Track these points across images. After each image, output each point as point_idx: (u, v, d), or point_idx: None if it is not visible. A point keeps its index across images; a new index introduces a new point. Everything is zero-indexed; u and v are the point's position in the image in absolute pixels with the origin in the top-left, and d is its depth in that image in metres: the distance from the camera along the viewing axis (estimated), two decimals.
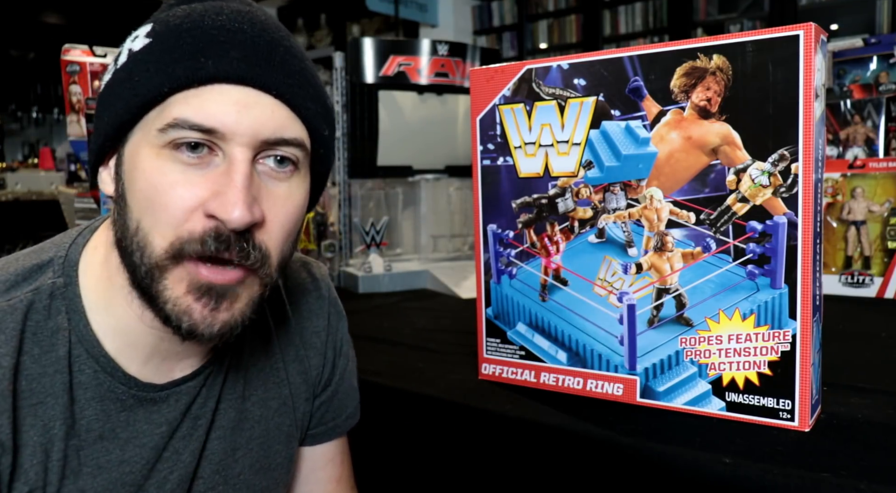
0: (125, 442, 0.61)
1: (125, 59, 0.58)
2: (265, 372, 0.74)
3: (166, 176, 0.55)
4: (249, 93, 0.56)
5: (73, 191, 1.78)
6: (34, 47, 7.13)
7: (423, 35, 5.45)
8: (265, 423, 0.73)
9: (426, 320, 1.46)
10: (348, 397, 0.85)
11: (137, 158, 0.57)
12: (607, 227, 0.88)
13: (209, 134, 0.55)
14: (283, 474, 0.77)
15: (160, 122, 0.55)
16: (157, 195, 0.55)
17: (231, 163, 0.56)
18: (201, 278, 0.56)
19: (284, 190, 0.59)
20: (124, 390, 0.61)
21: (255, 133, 0.56)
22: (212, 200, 0.55)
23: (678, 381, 0.84)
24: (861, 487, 0.64)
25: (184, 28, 0.56)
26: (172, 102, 0.55)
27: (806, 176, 0.75)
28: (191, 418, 0.66)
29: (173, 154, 0.55)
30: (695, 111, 0.80)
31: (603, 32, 5.09)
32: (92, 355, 0.60)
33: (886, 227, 1.54)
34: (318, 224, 1.87)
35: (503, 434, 0.87)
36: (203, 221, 0.55)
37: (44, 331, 0.59)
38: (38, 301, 0.59)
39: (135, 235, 0.56)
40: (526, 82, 0.92)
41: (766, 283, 0.79)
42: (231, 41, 0.56)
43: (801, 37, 0.74)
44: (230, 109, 0.55)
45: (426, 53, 1.90)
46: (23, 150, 7.78)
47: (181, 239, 0.55)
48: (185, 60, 0.55)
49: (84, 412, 0.59)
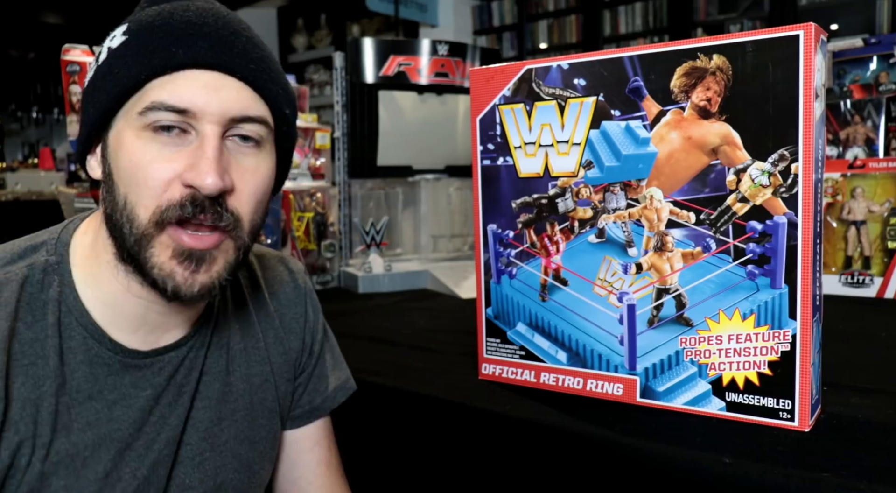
0: (112, 403, 0.67)
1: (105, 56, 0.66)
2: (248, 351, 0.80)
3: (146, 154, 0.62)
4: (217, 76, 0.64)
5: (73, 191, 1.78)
6: (34, 47, 7.13)
7: (423, 35, 5.45)
8: (249, 396, 0.79)
9: (426, 320, 1.46)
10: (326, 379, 0.89)
11: (121, 140, 0.64)
12: (607, 227, 0.88)
13: (182, 114, 0.62)
14: (267, 447, 0.82)
15: (139, 105, 0.62)
16: (139, 171, 0.62)
17: (203, 139, 0.63)
18: (183, 245, 0.63)
19: (252, 162, 0.67)
20: (111, 355, 0.67)
21: (223, 112, 0.63)
22: (187, 171, 0.62)
23: (678, 381, 0.84)
24: (861, 487, 0.64)
25: (156, 24, 0.64)
26: (149, 88, 0.62)
27: (806, 176, 0.75)
28: (175, 385, 0.72)
29: (152, 136, 0.62)
30: (695, 111, 0.80)
31: (603, 32, 5.09)
32: (81, 324, 0.67)
33: (886, 227, 1.54)
34: (318, 224, 1.87)
35: (503, 434, 0.87)
36: (181, 189, 0.62)
37: (37, 301, 0.65)
38: (33, 275, 0.66)
39: (123, 208, 0.63)
40: (526, 82, 0.92)
41: (766, 283, 0.79)
42: (198, 33, 0.63)
43: (801, 37, 0.74)
44: (200, 91, 0.63)
45: (426, 53, 1.90)
46: (23, 150, 7.77)
47: (161, 207, 0.62)
48: (159, 51, 0.62)
49: (74, 373, 0.66)
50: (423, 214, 2.03)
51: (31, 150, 7.63)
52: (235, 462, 0.77)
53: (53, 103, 7.37)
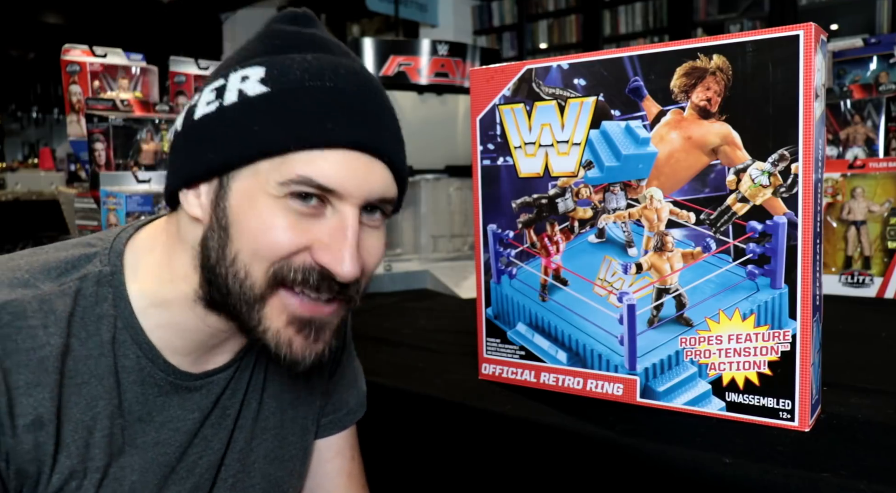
0: (161, 425, 0.65)
1: (236, 100, 0.61)
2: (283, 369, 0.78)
3: (280, 219, 0.60)
4: (366, 159, 0.61)
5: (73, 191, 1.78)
6: (34, 47, 7.13)
7: (423, 35, 5.45)
8: (280, 414, 0.77)
9: (426, 320, 1.46)
10: (351, 389, 0.87)
11: (253, 201, 0.60)
12: (607, 227, 0.88)
13: (326, 192, 0.60)
14: (297, 465, 0.80)
15: (280, 175, 0.59)
16: (269, 233, 0.60)
17: (342, 219, 0.61)
18: (298, 312, 0.61)
19: (376, 238, 0.65)
20: (163, 376, 0.65)
21: (367, 195, 0.62)
22: (322, 249, 0.60)
23: (678, 381, 0.84)
24: (861, 487, 0.64)
25: (306, 86, 0.60)
26: (294, 158, 0.59)
27: (806, 176, 0.75)
28: (220, 408, 0.70)
29: (288, 203, 0.60)
30: (695, 111, 0.80)
31: (603, 32, 5.09)
32: (136, 342, 0.64)
33: (886, 227, 1.54)
34: None
35: (503, 434, 0.87)
36: (310, 260, 0.60)
37: (91, 316, 0.62)
38: (86, 288, 0.63)
39: (232, 263, 0.61)
40: (526, 82, 0.92)
41: (766, 283, 0.78)
42: (352, 107, 0.61)
43: (801, 37, 0.74)
44: (350, 174, 0.60)
45: (426, 53, 1.90)
46: (23, 150, 7.78)
47: (282, 269, 0.60)
48: (311, 122, 0.59)
49: (126, 394, 0.63)
50: (423, 214, 2.03)
51: (31, 150, 7.63)
52: (264, 483, 0.76)
53: (53, 103, 7.37)
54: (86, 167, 1.63)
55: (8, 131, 7.58)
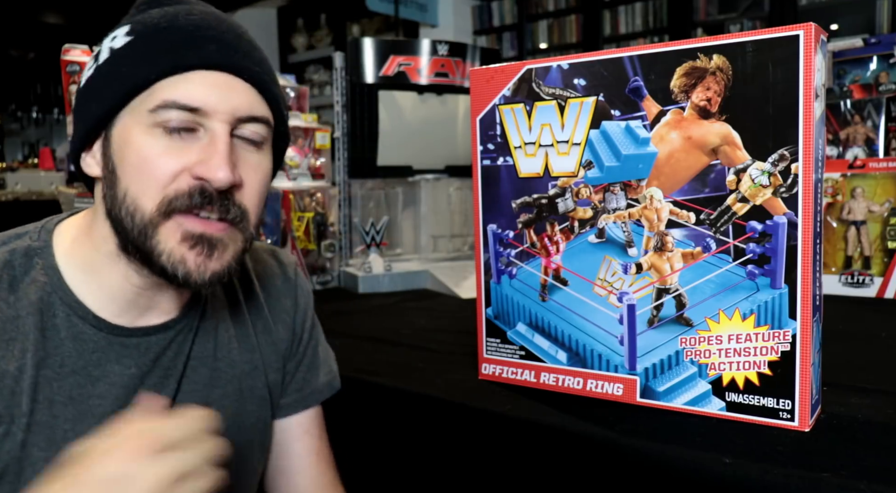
0: (96, 379, 0.69)
1: (107, 56, 0.67)
2: (238, 338, 0.81)
3: (154, 148, 0.64)
4: (226, 77, 0.66)
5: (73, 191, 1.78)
6: (34, 47, 7.12)
7: (423, 35, 5.45)
8: (237, 382, 0.80)
9: (426, 320, 1.46)
10: (316, 369, 0.90)
11: (128, 136, 0.65)
12: (607, 227, 0.88)
13: (194, 113, 0.64)
14: (257, 435, 0.83)
15: (150, 103, 0.64)
16: (145, 164, 0.64)
17: (213, 135, 0.65)
18: (191, 228, 0.65)
19: (256, 159, 0.69)
20: (95, 331, 0.69)
21: (232, 111, 0.66)
22: (198, 165, 0.64)
23: (678, 381, 0.84)
24: (861, 487, 0.64)
25: (162, 26, 0.66)
26: (158, 87, 0.64)
27: (806, 176, 0.75)
28: (160, 367, 0.73)
29: (162, 133, 0.64)
30: (695, 111, 0.80)
31: (603, 32, 5.09)
32: (65, 303, 0.68)
33: (886, 227, 1.54)
34: (318, 224, 1.87)
35: (503, 434, 0.87)
36: (189, 180, 0.64)
37: (19, 282, 0.67)
38: (14, 258, 0.68)
39: (122, 202, 0.65)
40: (526, 82, 0.92)
41: (766, 283, 0.79)
42: (205, 35, 0.66)
43: (801, 37, 0.74)
44: (212, 91, 0.65)
45: (426, 53, 1.90)
46: (23, 150, 7.77)
47: (168, 196, 0.64)
48: (168, 52, 0.64)
49: (58, 349, 0.67)
50: (423, 214, 2.03)
51: (31, 150, 7.63)
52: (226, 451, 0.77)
53: (53, 103, 7.36)
54: None
55: (8, 131, 7.58)
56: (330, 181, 2.00)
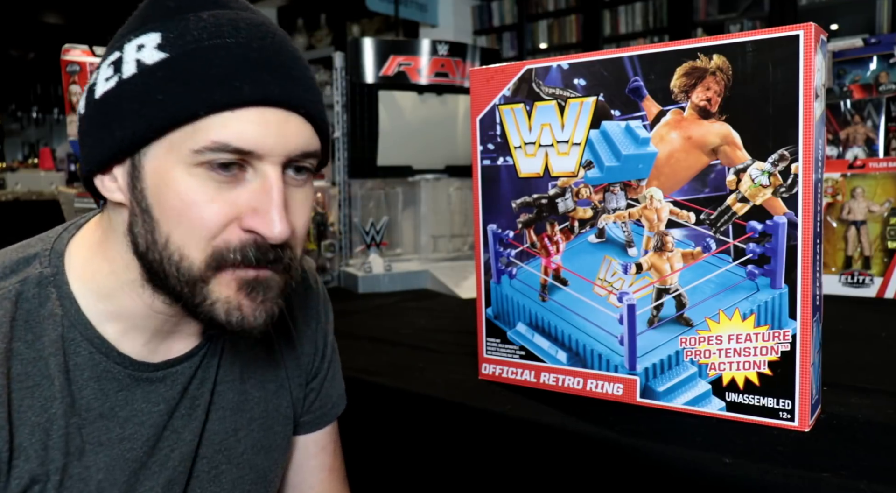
0: (125, 420, 0.64)
1: (135, 71, 0.58)
2: (262, 357, 0.77)
3: (200, 194, 0.57)
4: (281, 114, 0.59)
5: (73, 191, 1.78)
6: (34, 47, 7.13)
7: (423, 35, 5.45)
8: (265, 404, 0.77)
9: (426, 320, 1.46)
10: (335, 385, 0.88)
11: (168, 177, 0.58)
12: (607, 227, 0.88)
13: (244, 154, 0.57)
14: (281, 455, 0.80)
15: (194, 143, 0.56)
16: (191, 211, 0.57)
17: (265, 180, 0.58)
18: (246, 277, 0.60)
19: (303, 195, 0.63)
20: (120, 369, 0.64)
21: (287, 152, 0.59)
22: (250, 216, 0.58)
23: (678, 381, 0.84)
24: (861, 487, 0.64)
25: (206, 45, 0.57)
26: (206, 124, 0.56)
27: (806, 176, 0.75)
28: (188, 398, 0.69)
29: (206, 173, 0.57)
30: (695, 111, 0.80)
31: (603, 32, 5.09)
32: (86, 338, 0.62)
33: (886, 227, 1.54)
34: (318, 224, 1.87)
35: (503, 434, 0.87)
36: (239, 233, 0.58)
37: (35, 318, 0.61)
38: (27, 290, 0.61)
39: (164, 248, 0.59)
40: (526, 82, 0.92)
41: (766, 283, 0.79)
42: (260, 62, 0.57)
43: (801, 37, 0.74)
44: (268, 131, 0.57)
45: (426, 53, 1.90)
46: (23, 150, 7.77)
47: (218, 249, 0.58)
48: (219, 84, 0.56)
49: (83, 391, 0.62)
50: (423, 214, 2.03)
51: (31, 150, 7.63)
52: (252, 474, 0.75)
53: (53, 103, 7.37)
54: None
55: (8, 131, 7.58)
56: (330, 181, 2.00)
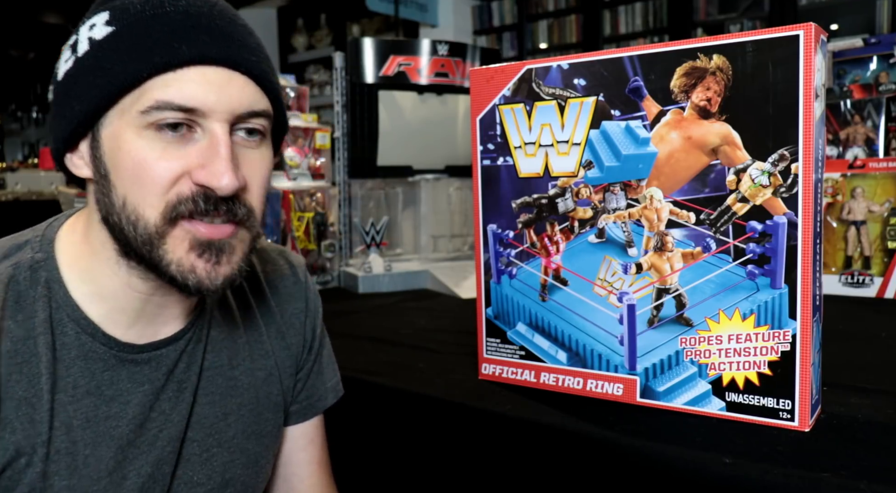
0: (110, 399, 0.66)
1: (88, 48, 0.62)
2: (251, 345, 0.79)
3: (151, 152, 0.60)
4: (223, 72, 0.61)
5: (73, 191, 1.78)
6: (34, 47, 7.13)
7: (423, 35, 5.45)
8: (254, 391, 0.78)
9: (426, 320, 1.46)
10: (324, 376, 0.89)
11: (120, 140, 0.61)
12: (607, 227, 0.88)
13: (189, 113, 0.60)
14: (272, 441, 0.82)
15: (141, 105, 0.60)
16: (143, 170, 0.60)
17: (212, 137, 0.61)
18: (200, 236, 0.62)
19: (257, 155, 0.66)
20: (105, 349, 0.66)
21: (231, 109, 0.62)
22: (198, 170, 0.61)
23: (678, 381, 0.84)
24: (861, 487, 0.64)
25: (148, 15, 0.60)
26: (150, 85, 0.60)
27: (806, 176, 0.75)
28: (174, 381, 0.71)
29: (156, 134, 0.60)
30: (695, 111, 0.80)
31: (603, 32, 5.09)
32: (73, 319, 0.65)
33: (886, 227, 1.54)
34: (318, 224, 1.87)
35: (503, 434, 0.87)
36: (190, 185, 0.61)
37: (26, 299, 0.64)
38: (19, 273, 0.64)
39: (122, 209, 0.61)
40: (526, 82, 0.92)
41: (766, 283, 0.78)
42: (198, 25, 0.61)
43: (801, 37, 0.74)
44: (208, 89, 0.60)
45: (426, 53, 1.90)
46: (23, 150, 7.77)
47: (171, 202, 0.61)
48: (159, 47, 0.59)
49: (70, 369, 0.64)
50: (423, 214, 2.03)
51: (31, 150, 7.63)
52: (243, 458, 0.77)
53: None
54: None
55: (8, 131, 7.58)
56: (330, 181, 2.00)
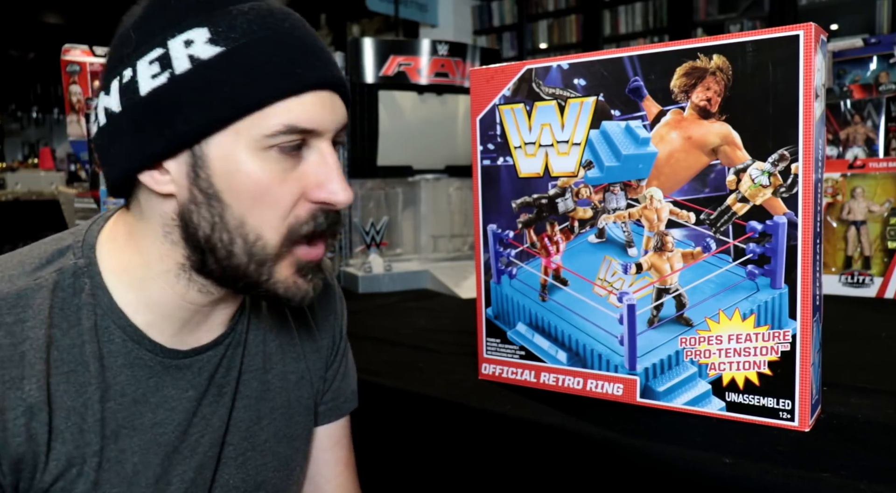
0: (156, 406, 0.67)
1: (190, 67, 0.59)
2: (283, 347, 0.80)
3: (273, 175, 0.62)
4: (330, 94, 0.65)
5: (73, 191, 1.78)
6: (34, 47, 7.13)
7: (423, 35, 5.45)
8: (286, 394, 0.79)
9: (426, 320, 1.46)
10: (347, 380, 0.89)
11: (237, 162, 0.61)
12: (607, 227, 0.88)
13: (306, 134, 0.63)
14: (303, 444, 0.82)
15: (266, 128, 0.61)
16: (266, 193, 0.62)
17: (322, 154, 0.64)
18: (306, 258, 0.66)
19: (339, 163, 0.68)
20: (151, 356, 0.67)
21: (336, 128, 0.65)
22: (315, 189, 0.64)
23: (678, 381, 0.84)
24: (861, 487, 0.64)
25: (259, 37, 0.61)
26: (273, 110, 0.61)
27: (806, 176, 0.75)
28: (215, 386, 0.72)
29: (276, 155, 0.62)
30: (695, 111, 0.80)
31: (603, 32, 5.09)
32: (119, 326, 0.65)
33: (886, 227, 1.54)
34: None
35: (503, 434, 0.87)
36: (306, 205, 0.64)
37: (70, 306, 0.64)
38: (63, 280, 0.64)
39: (237, 229, 0.62)
40: (526, 82, 0.92)
41: (766, 283, 0.79)
42: (310, 50, 0.63)
43: (801, 37, 0.74)
44: (324, 112, 0.63)
45: (426, 53, 1.90)
46: (23, 150, 7.78)
47: (292, 226, 0.63)
48: (282, 72, 0.61)
49: (117, 377, 0.65)
50: (423, 214, 2.03)
51: (31, 150, 7.64)
52: (275, 461, 0.77)
53: (53, 103, 7.37)
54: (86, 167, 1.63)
55: (8, 131, 7.58)
56: None
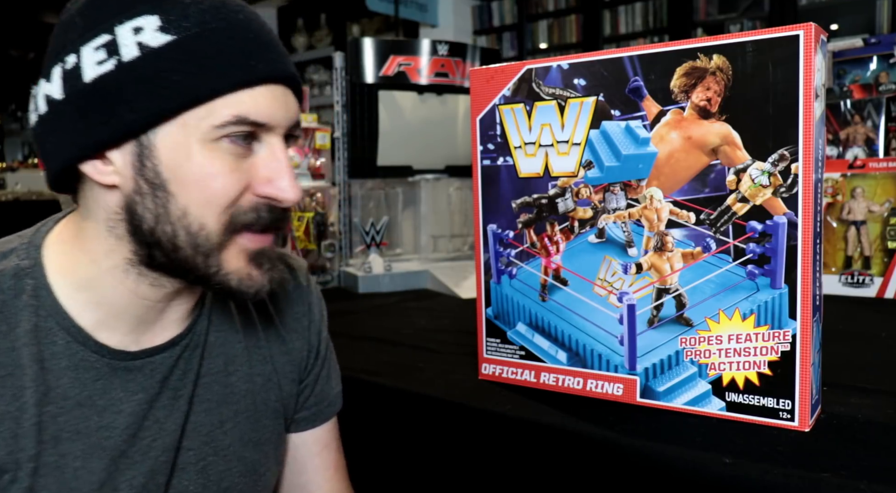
0: (102, 409, 0.64)
1: (139, 54, 0.58)
2: (249, 349, 0.77)
3: (221, 165, 0.61)
4: (283, 88, 0.64)
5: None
6: (34, 47, 7.13)
7: (423, 35, 5.45)
8: (252, 397, 0.77)
9: (426, 320, 1.46)
10: (331, 383, 0.87)
11: (187, 152, 0.60)
12: (607, 227, 0.88)
13: (257, 127, 0.62)
14: (273, 448, 0.80)
15: (216, 119, 0.59)
16: (212, 182, 0.61)
17: (273, 150, 0.63)
18: (253, 247, 0.64)
19: (290, 161, 0.67)
20: (97, 358, 0.64)
21: (288, 123, 0.64)
22: (263, 184, 0.63)
23: (678, 381, 0.84)
24: (861, 487, 0.64)
25: (211, 27, 0.59)
26: (223, 100, 0.60)
27: (806, 176, 0.75)
28: (170, 389, 0.69)
29: (227, 145, 0.61)
30: (695, 111, 0.80)
31: (603, 32, 5.09)
32: (62, 327, 0.63)
33: (886, 227, 1.54)
34: (318, 224, 1.87)
35: (503, 434, 0.87)
36: (251, 198, 0.63)
37: (10, 308, 0.61)
38: (3, 282, 0.62)
39: (181, 219, 0.61)
40: (526, 82, 0.92)
41: (766, 283, 0.79)
42: (264, 43, 0.62)
43: (801, 37, 0.74)
44: (275, 105, 0.62)
45: (426, 53, 1.90)
46: (23, 150, 7.78)
47: (233, 214, 0.62)
48: (235, 64, 0.60)
49: (59, 380, 0.62)
50: (423, 214, 2.03)
51: (31, 150, 7.63)
52: (241, 466, 0.75)
53: None
54: None
55: (8, 131, 7.58)
56: (330, 181, 2.00)
